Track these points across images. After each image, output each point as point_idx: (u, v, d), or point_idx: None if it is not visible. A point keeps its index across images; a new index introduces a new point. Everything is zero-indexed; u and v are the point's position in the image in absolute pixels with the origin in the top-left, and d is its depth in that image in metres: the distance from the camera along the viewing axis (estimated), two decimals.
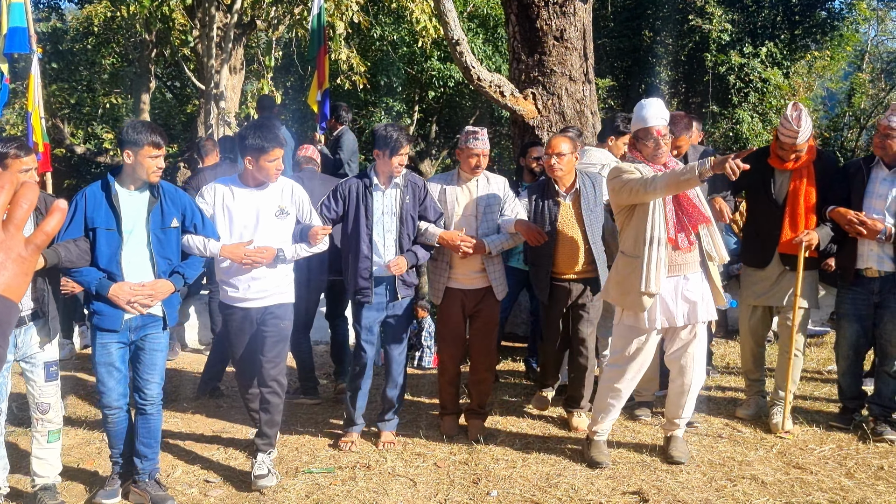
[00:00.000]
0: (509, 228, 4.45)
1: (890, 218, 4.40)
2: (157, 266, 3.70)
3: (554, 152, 4.50)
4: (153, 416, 3.83)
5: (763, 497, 3.72)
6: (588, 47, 6.62)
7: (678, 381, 4.13)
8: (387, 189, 4.36)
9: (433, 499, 3.79)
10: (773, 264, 4.61)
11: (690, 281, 3.98)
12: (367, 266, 4.33)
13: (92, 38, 13.23)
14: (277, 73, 12.81)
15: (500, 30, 13.28)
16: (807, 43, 13.08)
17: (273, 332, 4.09)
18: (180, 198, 3.81)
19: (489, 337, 4.64)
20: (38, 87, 6.80)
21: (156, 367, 3.80)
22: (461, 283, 4.53)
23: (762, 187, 4.62)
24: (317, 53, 8.03)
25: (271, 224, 4.03)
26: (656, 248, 3.86)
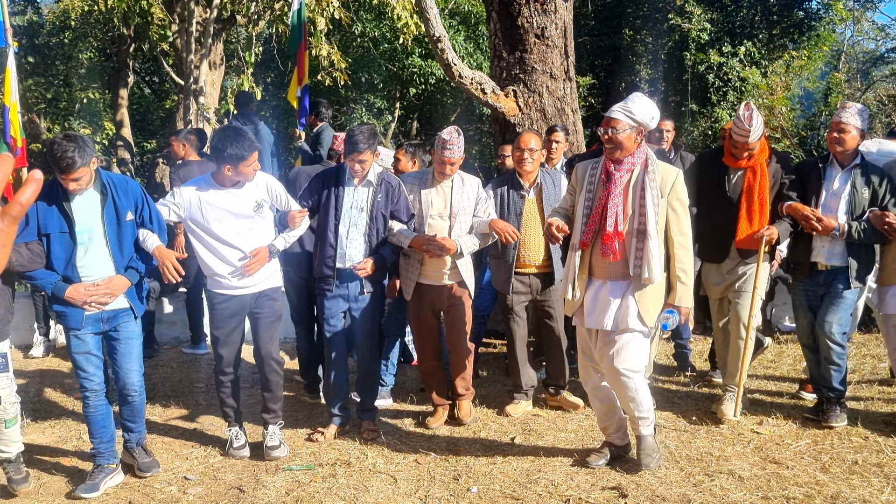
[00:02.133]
0: (483, 228, 4.56)
1: (843, 215, 4.55)
2: (115, 261, 3.77)
3: (526, 147, 4.72)
4: (137, 401, 3.99)
5: (740, 491, 3.77)
6: (569, 45, 6.64)
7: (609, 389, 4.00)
8: (359, 185, 4.42)
9: (413, 495, 3.80)
10: (729, 259, 4.76)
11: (609, 289, 3.79)
12: (331, 255, 4.41)
13: (69, 33, 13.07)
14: (257, 69, 12.73)
15: (481, 27, 13.29)
16: (784, 43, 13.22)
17: (268, 313, 4.27)
18: (132, 189, 3.85)
19: (463, 331, 4.73)
20: (14, 81, 6.71)
21: (132, 355, 3.92)
22: (431, 280, 4.61)
23: (717, 185, 4.75)
24: (297, 49, 7.99)
25: (250, 221, 4.13)
26: (571, 254, 3.85)
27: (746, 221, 4.63)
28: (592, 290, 3.84)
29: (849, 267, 4.56)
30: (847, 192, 4.56)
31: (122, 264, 3.79)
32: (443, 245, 4.42)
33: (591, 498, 3.72)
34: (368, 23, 12.79)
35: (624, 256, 3.73)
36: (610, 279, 3.80)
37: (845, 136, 4.53)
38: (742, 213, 4.63)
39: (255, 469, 4.16)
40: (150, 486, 3.96)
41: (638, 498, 3.70)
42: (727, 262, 4.77)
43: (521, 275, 4.84)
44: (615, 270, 3.78)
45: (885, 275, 4.68)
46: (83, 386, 3.85)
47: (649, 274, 3.68)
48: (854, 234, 4.49)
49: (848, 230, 4.49)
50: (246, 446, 4.35)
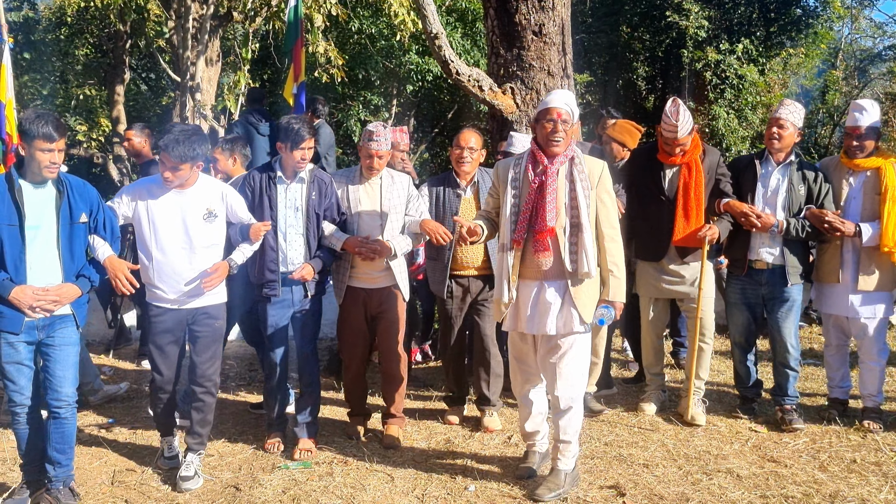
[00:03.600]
0: (415, 228, 4.43)
1: (781, 212, 4.59)
2: (64, 266, 3.53)
3: (466, 146, 4.58)
4: (67, 420, 3.62)
5: (738, 490, 3.76)
6: (567, 42, 6.62)
7: (549, 395, 3.79)
8: (291, 183, 4.25)
9: (411, 493, 3.78)
10: (668, 257, 4.73)
11: (546, 290, 3.63)
12: (273, 258, 4.19)
13: (65, 29, 13.00)
14: (254, 66, 12.68)
15: (478, 24, 13.24)
16: (782, 40, 13.18)
17: (207, 332, 4.01)
18: (88, 192, 3.64)
19: (395, 337, 4.51)
20: (9, 77, 6.67)
21: (67, 363, 3.59)
22: (363, 283, 4.43)
23: (652, 183, 4.74)
24: (293, 46, 7.96)
25: (199, 227, 3.89)
26: (503, 255, 3.68)
27: (683, 219, 4.61)
28: (529, 293, 3.65)
29: (785, 264, 4.60)
30: (784, 188, 4.61)
31: (71, 269, 3.56)
32: (376, 248, 4.28)
33: (589, 496, 3.71)
34: (365, 19, 12.74)
35: (557, 253, 3.59)
36: (545, 279, 3.63)
37: (783, 131, 4.61)
38: (679, 212, 4.62)
39: (251, 467, 4.15)
40: (146, 485, 3.94)
41: (636, 497, 3.70)
42: (665, 261, 4.74)
43: (459, 277, 4.64)
44: (549, 270, 3.61)
45: (823, 273, 4.73)
46: (11, 400, 3.55)
47: (587, 267, 3.56)
48: (792, 230, 4.54)
49: (786, 227, 4.54)
50: (177, 457, 4.12)
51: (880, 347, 4.65)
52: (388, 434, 4.51)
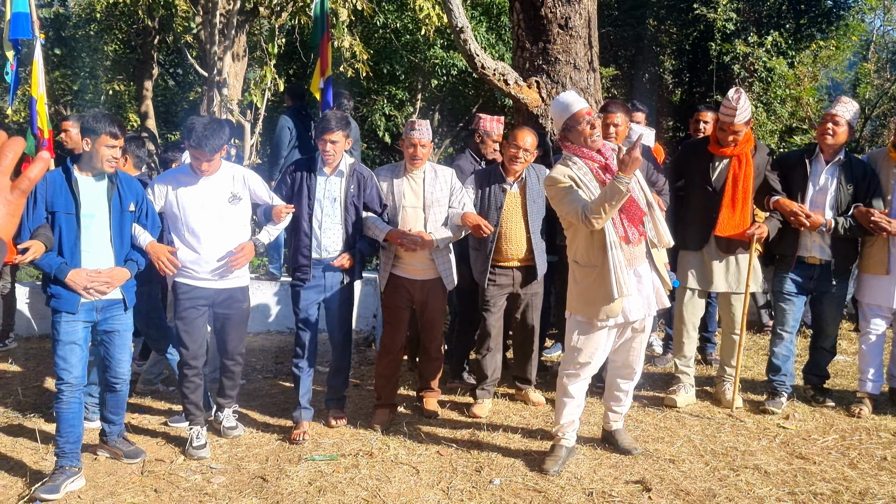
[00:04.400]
0: (456, 221, 4.54)
1: (829, 211, 4.62)
2: (115, 251, 3.87)
3: (522, 146, 4.66)
4: (123, 391, 4.11)
5: (766, 487, 3.73)
6: (593, 35, 6.58)
7: (624, 371, 4.09)
8: (331, 175, 4.43)
9: (436, 486, 3.80)
10: (710, 247, 4.76)
11: (641, 274, 3.84)
12: (307, 244, 4.41)
13: (94, 25, 13.17)
14: (280, 61, 12.74)
15: (503, 18, 13.20)
16: (812, 32, 12.98)
17: (235, 314, 4.36)
18: (135, 186, 4.01)
19: (438, 327, 4.74)
20: (41, 73, 6.77)
21: (124, 346, 4.02)
22: (406, 273, 4.60)
23: (701, 174, 4.78)
24: (319, 41, 7.99)
25: (225, 210, 4.20)
26: (614, 252, 3.70)
27: (729, 210, 4.64)
28: (630, 281, 3.79)
29: (833, 261, 4.67)
30: (833, 187, 4.63)
31: (120, 253, 3.89)
32: (417, 240, 4.41)
33: (615, 491, 3.70)
34: (390, 14, 12.75)
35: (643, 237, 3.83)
36: (636, 266, 3.81)
37: (838, 128, 4.60)
38: (725, 202, 4.65)
39: (278, 459, 4.19)
40: (174, 475, 4.00)
41: (662, 492, 3.68)
42: (705, 251, 4.77)
43: (502, 268, 4.78)
44: (638, 254, 3.81)
45: (870, 264, 4.76)
46: (60, 378, 3.78)
47: (668, 237, 3.85)
48: (840, 229, 4.58)
49: (834, 225, 4.57)
50: (206, 447, 4.25)
51: None
52: (427, 407, 4.84)
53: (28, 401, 5.16)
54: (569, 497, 3.64)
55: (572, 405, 4.00)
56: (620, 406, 4.16)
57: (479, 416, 4.78)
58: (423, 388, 4.94)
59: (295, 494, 3.74)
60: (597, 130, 3.75)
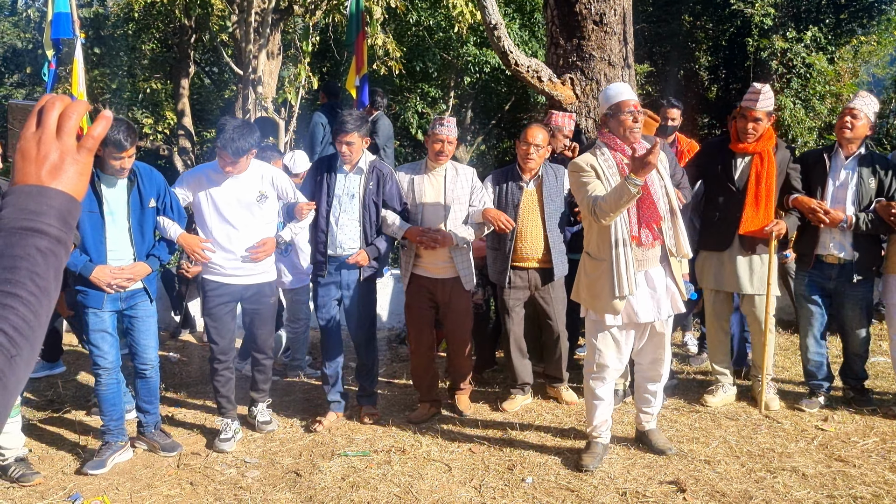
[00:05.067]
0: (478, 217, 4.53)
1: (851, 206, 4.50)
2: (136, 246, 3.97)
3: (533, 142, 4.62)
4: (152, 378, 4.20)
5: (804, 489, 3.66)
6: (628, 31, 6.52)
7: (650, 373, 4.03)
8: (350, 172, 4.45)
9: (468, 484, 3.80)
10: (732, 248, 4.66)
11: (653, 276, 3.77)
12: (323, 241, 4.45)
13: (132, 24, 13.37)
14: (314, 59, 12.82)
15: (536, 15, 13.15)
16: (853, 27, 12.73)
17: (264, 309, 4.42)
18: (155, 178, 4.05)
19: (464, 326, 4.70)
20: (81, 71, 6.89)
21: (150, 332, 4.13)
22: (427, 272, 4.57)
23: (723, 172, 4.69)
24: (355, 38, 8.02)
25: (253, 208, 4.26)
26: (622, 250, 3.64)
27: (753, 208, 4.55)
28: (640, 282, 3.75)
29: (855, 260, 4.53)
30: (854, 182, 4.51)
31: (142, 249, 4.00)
32: (437, 237, 4.39)
33: (649, 492, 3.66)
34: (423, 11, 12.77)
35: (661, 240, 3.74)
36: (648, 268, 3.75)
37: (857, 121, 4.49)
38: (749, 200, 4.56)
39: (311, 454, 4.22)
40: (210, 468, 4.05)
41: (697, 493, 3.64)
42: (729, 252, 4.67)
43: (519, 269, 4.73)
44: (651, 257, 3.75)
45: (892, 264, 4.61)
46: (96, 363, 3.99)
47: (686, 249, 3.75)
48: (861, 225, 4.45)
49: (855, 222, 4.44)
50: (232, 440, 4.32)
51: None
52: (459, 405, 4.80)
53: (68, 394, 5.27)
54: (602, 497, 3.62)
55: (602, 406, 3.97)
56: (650, 407, 4.11)
57: (507, 410, 4.80)
58: (452, 386, 4.95)
59: (328, 489, 3.76)
60: (638, 125, 3.69)
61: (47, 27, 6.78)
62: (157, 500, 3.69)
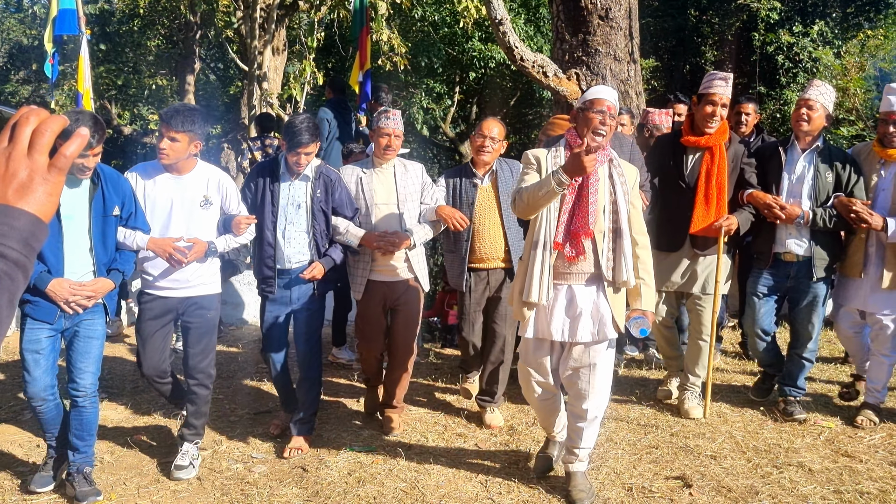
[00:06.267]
0: (431, 215, 4.34)
1: (807, 201, 4.35)
2: (97, 258, 3.51)
3: (489, 135, 4.44)
4: (87, 409, 3.60)
5: (810, 485, 3.66)
6: (633, 26, 6.51)
7: (574, 405, 3.49)
8: (295, 180, 4.12)
9: (474, 479, 3.80)
10: (684, 248, 4.51)
11: (577, 294, 3.37)
12: (271, 255, 4.10)
13: (138, 21, 13.40)
14: (319, 55, 12.84)
15: (542, 10, 13.14)
16: (859, 21, 12.69)
17: (199, 324, 3.95)
18: (122, 185, 3.62)
19: (412, 330, 4.45)
20: (87, 68, 6.91)
21: (90, 355, 3.59)
22: (384, 276, 4.35)
23: (674, 169, 4.52)
24: (359, 34, 8.03)
25: (195, 214, 3.87)
26: (541, 254, 3.34)
27: (703, 206, 4.37)
28: (559, 296, 3.39)
29: (812, 257, 4.37)
30: (810, 176, 4.36)
31: (103, 261, 3.55)
32: (395, 241, 4.19)
33: (655, 487, 3.66)
34: (428, 7, 12.77)
35: (594, 257, 3.37)
36: (574, 283, 3.39)
37: (813, 113, 4.34)
38: (699, 199, 4.38)
39: (317, 449, 4.23)
40: (217, 463, 4.06)
41: (703, 488, 3.64)
42: (680, 252, 4.51)
43: (478, 270, 4.49)
44: (581, 273, 3.39)
45: (846, 266, 4.49)
46: (27, 392, 3.51)
47: (626, 276, 3.34)
48: (819, 220, 4.29)
49: (812, 217, 4.29)
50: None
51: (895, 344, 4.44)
52: (392, 423, 4.45)
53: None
54: (608, 492, 3.62)
55: (546, 411, 3.72)
56: (576, 448, 3.54)
57: (494, 426, 4.51)
58: (386, 402, 4.57)
59: (334, 485, 3.77)
60: (604, 127, 3.33)
61: (50, 23, 6.80)
62: (164, 495, 3.71)
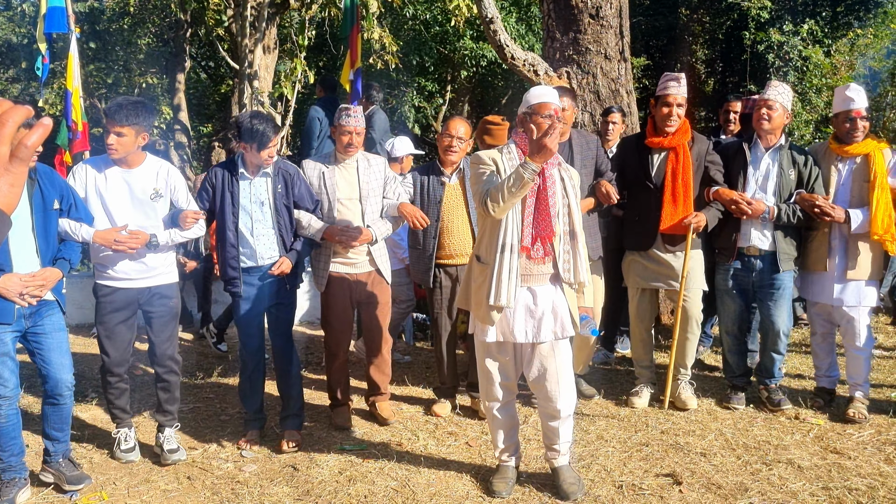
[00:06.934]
0: (393, 211, 4.40)
1: (772, 197, 4.53)
2: (41, 252, 3.53)
3: (455, 135, 4.54)
4: (67, 404, 3.69)
5: (799, 482, 3.68)
6: (624, 25, 6.51)
7: (547, 406, 3.53)
8: (255, 178, 4.15)
9: (465, 477, 3.80)
10: (656, 246, 4.65)
11: (538, 294, 3.42)
12: (234, 255, 4.13)
13: (128, 19, 13.31)
14: (310, 53, 12.80)
15: (533, 8, 13.13)
16: (849, 20, 12.73)
17: (163, 312, 4.03)
18: (56, 180, 3.66)
19: (384, 320, 4.53)
20: (76, 66, 6.88)
21: (62, 348, 3.64)
22: (346, 268, 4.41)
23: (640, 169, 4.67)
24: (349, 32, 8.02)
25: (145, 206, 3.92)
26: (508, 256, 3.33)
27: (671, 206, 4.53)
28: (520, 297, 3.41)
29: (777, 251, 4.53)
30: (775, 173, 4.53)
31: (48, 255, 3.57)
32: (356, 235, 4.24)
33: (645, 484, 3.68)
34: (420, 5, 12.74)
35: (552, 259, 3.42)
36: (533, 284, 3.43)
37: (773, 112, 4.52)
38: (666, 198, 4.53)
39: (308, 448, 4.22)
40: (207, 463, 4.05)
41: (693, 485, 3.65)
42: (653, 250, 4.65)
43: (446, 266, 4.60)
44: (541, 274, 3.42)
45: (810, 261, 4.63)
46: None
47: (583, 276, 3.42)
48: (783, 216, 4.48)
49: (777, 212, 4.47)
50: (135, 450, 4.11)
51: (866, 336, 4.55)
52: (381, 413, 4.56)
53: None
54: (598, 489, 3.63)
55: (504, 428, 3.68)
56: (555, 445, 3.61)
57: (440, 415, 4.68)
58: (372, 392, 4.70)
59: (325, 483, 3.77)
60: (552, 134, 3.21)
61: (40, 21, 6.76)
62: (154, 494, 3.70)
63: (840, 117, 4.50)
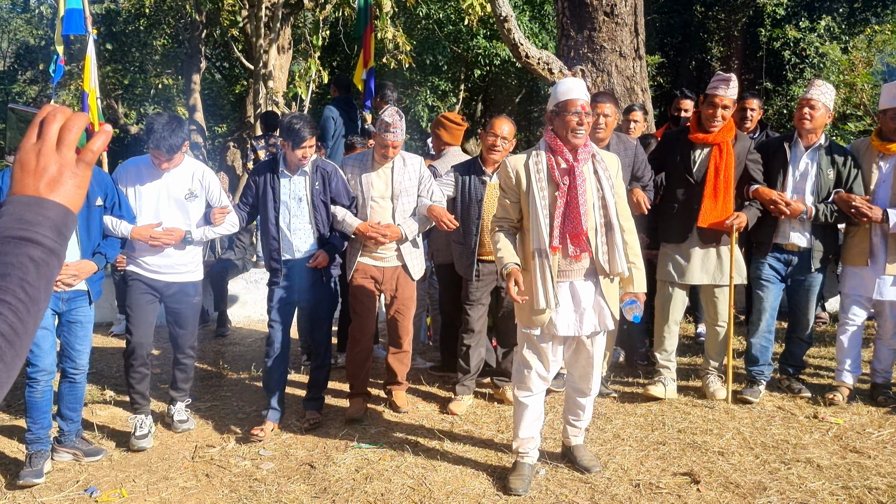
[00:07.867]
0: (424, 211, 4.49)
1: (810, 197, 4.57)
2: (82, 244, 3.86)
3: (500, 134, 4.60)
4: (80, 384, 4.07)
5: (819, 481, 3.65)
6: (639, 22, 6.49)
7: (579, 385, 3.73)
8: (294, 175, 4.38)
9: (481, 475, 3.80)
10: (691, 240, 4.66)
11: (578, 289, 3.50)
12: (276, 248, 4.39)
13: (144, 20, 13.42)
14: (324, 53, 12.85)
15: (547, 6, 13.12)
16: (867, 16, 12.63)
17: (186, 309, 4.39)
18: (103, 178, 4.02)
19: (407, 317, 4.69)
20: (94, 68, 6.93)
21: (86, 337, 4.04)
22: (374, 260, 4.57)
23: (682, 164, 4.68)
24: (363, 32, 8.04)
25: (181, 206, 4.24)
26: (538, 261, 3.43)
27: (711, 201, 4.55)
28: (562, 293, 3.49)
29: (812, 249, 4.62)
30: (814, 173, 4.57)
31: (88, 248, 3.89)
32: (386, 232, 4.39)
33: (662, 483, 3.66)
34: (433, 4, 12.76)
35: (589, 253, 3.48)
36: (573, 279, 3.50)
37: (815, 112, 4.53)
38: (707, 193, 4.55)
39: (325, 446, 4.24)
40: (225, 460, 4.08)
41: (711, 484, 3.63)
42: (687, 244, 4.66)
43: (487, 262, 4.67)
44: (580, 269, 3.50)
45: (851, 256, 4.70)
46: (33, 364, 3.79)
47: (621, 267, 3.48)
48: (821, 216, 4.52)
49: (815, 212, 4.52)
50: (149, 436, 4.26)
51: None
52: (395, 401, 4.76)
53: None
54: (615, 488, 3.62)
55: (529, 419, 3.71)
56: (579, 421, 3.84)
57: (456, 413, 4.66)
58: (390, 381, 4.86)
59: (342, 481, 3.78)
60: (583, 127, 3.37)
61: (58, 23, 6.82)
62: (173, 491, 3.72)
63: (889, 114, 4.50)
